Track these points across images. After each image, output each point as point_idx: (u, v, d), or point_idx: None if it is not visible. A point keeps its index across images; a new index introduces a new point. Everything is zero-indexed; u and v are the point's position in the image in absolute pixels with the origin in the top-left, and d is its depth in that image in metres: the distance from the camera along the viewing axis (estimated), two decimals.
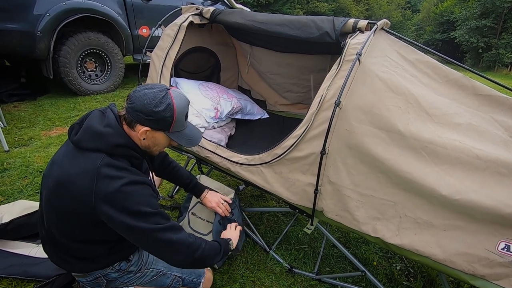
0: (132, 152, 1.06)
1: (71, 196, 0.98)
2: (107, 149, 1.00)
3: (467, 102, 1.35)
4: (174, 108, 1.05)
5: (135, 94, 1.02)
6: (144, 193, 1.02)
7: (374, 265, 1.86)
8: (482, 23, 19.92)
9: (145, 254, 1.29)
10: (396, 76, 1.28)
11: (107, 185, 0.95)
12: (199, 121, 2.00)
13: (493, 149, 1.18)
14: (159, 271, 1.30)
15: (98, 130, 1.01)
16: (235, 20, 1.76)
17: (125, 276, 1.23)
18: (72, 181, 0.98)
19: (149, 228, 0.98)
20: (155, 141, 1.11)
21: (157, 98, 1.02)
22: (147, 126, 1.04)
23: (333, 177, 1.29)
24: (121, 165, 1.01)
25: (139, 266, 1.25)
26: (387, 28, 1.42)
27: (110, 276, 1.20)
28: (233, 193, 1.75)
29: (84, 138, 1.01)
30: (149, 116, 1.02)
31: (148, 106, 1.01)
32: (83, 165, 0.99)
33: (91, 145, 1.00)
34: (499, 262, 1.07)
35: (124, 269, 1.21)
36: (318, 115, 1.28)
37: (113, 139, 1.01)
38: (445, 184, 1.12)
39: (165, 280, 1.32)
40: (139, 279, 1.27)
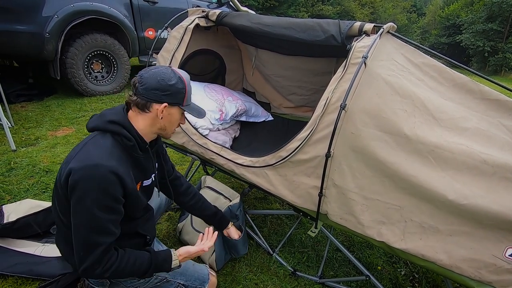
0: (124, 131, 1.05)
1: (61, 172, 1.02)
2: (101, 125, 1.06)
3: (474, 107, 1.34)
4: (184, 80, 1.11)
5: (144, 75, 1.06)
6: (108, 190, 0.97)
7: (379, 270, 1.84)
8: (488, 27, 19.75)
9: None
10: (402, 80, 1.28)
11: (79, 159, 0.97)
12: (204, 123, 2.00)
13: (501, 154, 1.17)
14: (163, 278, 1.28)
15: (104, 112, 1.10)
16: (240, 22, 1.77)
17: (128, 281, 1.23)
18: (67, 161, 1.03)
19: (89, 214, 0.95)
20: (171, 118, 1.13)
21: (168, 74, 1.07)
22: (165, 102, 1.07)
23: (338, 180, 1.29)
24: (106, 143, 1.02)
25: None
26: (393, 32, 1.42)
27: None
28: (238, 197, 1.75)
29: (90, 120, 1.10)
30: (166, 91, 1.06)
31: (162, 81, 1.05)
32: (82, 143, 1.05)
33: (91, 125, 1.08)
34: (506, 269, 1.05)
35: None
36: (323, 118, 1.28)
37: (109, 116, 1.07)
38: (452, 189, 1.11)
39: (169, 286, 1.30)
40: (143, 285, 1.26)
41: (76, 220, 0.98)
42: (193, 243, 1.75)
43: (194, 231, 1.77)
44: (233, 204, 1.71)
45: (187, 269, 1.36)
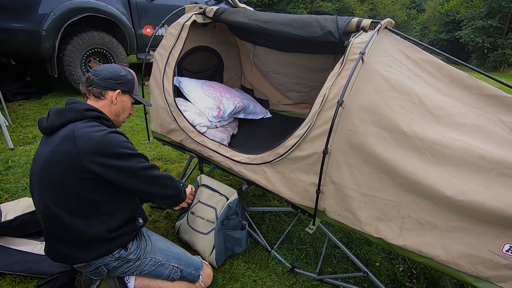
0: (101, 115, 1.20)
1: (58, 165, 1.08)
2: (77, 116, 1.14)
3: (472, 102, 1.33)
4: (132, 73, 1.33)
5: (98, 69, 1.25)
6: (123, 139, 1.16)
7: (377, 266, 1.85)
8: (488, 23, 19.70)
9: (143, 243, 1.34)
10: (400, 76, 1.27)
11: (88, 140, 1.08)
12: (202, 120, 2.00)
13: (499, 150, 1.17)
14: (157, 261, 1.34)
15: (65, 108, 1.18)
16: (238, 19, 1.75)
17: (125, 265, 1.26)
18: (54, 153, 1.09)
19: (138, 167, 1.16)
20: (123, 105, 1.30)
21: (118, 67, 1.29)
22: (118, 89, 1.25)
23: (336, 177, 1.29)
24: (94, 123, 1.15)
25: (138, 255, 1.29)
26: (391, 27, 1.41)
27: (110, 265, 1.23)
28: (235, 193, 1.75)
29: (53, 119, 1.14)
30: (119, 80, 1.26)
31: (115, 72, 1.26)
32: (59, 137, 1.11)
33: (62, 120, 1.13)
34: (503, 264, 1.05)
35: (123, 257, 1.25)
36: (321, 115, 1.28)
37: (81, 106, 1.17)
38: (449, 185, 1.11)
39: (164, 270, 1.35)
40: (138, 268, 1.30)
41: (132, 184, 1.16)
42: (192, 243, 1.76)
43: (191, 229, 1.77)
44: (232, 201, 1.72)
45: (179, 254, 1.42)
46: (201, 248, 1.72)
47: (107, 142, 1.10)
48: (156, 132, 2.01)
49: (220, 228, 1.69)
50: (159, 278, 1.36)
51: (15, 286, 1.51)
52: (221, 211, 1.71)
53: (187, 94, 2.11)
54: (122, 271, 1.28)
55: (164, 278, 1.37)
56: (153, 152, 3.02)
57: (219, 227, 1.68)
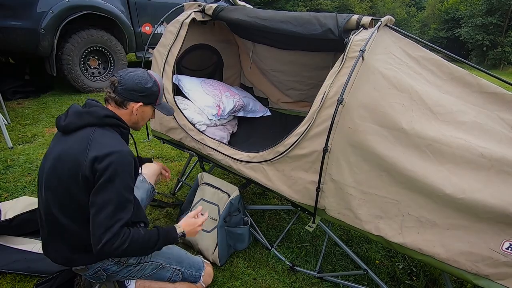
0: (120, 123, 1.18)
1: (67, 166, 1.06)
2: (97, 121, 1.12)
3: (472, 100, 1.33)
4: (158, 84, 1.26)
5: (124, 77, 1.17)
6: (127, 176, 1.08)
7: (377, 264, 1.85)
8: (488, 21, 19.65)
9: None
10: (400, 73, 1.27)
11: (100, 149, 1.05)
12: (201, 119, 1.99)
13: (499, 148, 1.16)
14: (158, 264, 1.32)
15: (85, 110, 1.15)
16: (237, 17, 1.75)
17: (125, 270, 1.24)
18: (66, 153, 1.07)
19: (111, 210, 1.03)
20: (143, 115, 1.27)
21: (145, 77, 1.21)
22: (140, 102, 1.21)
23: (336, 175, 1.28)
24: (112, 134, 1.13)
25: (138, 259, 1.27)
26: (391, 25, 1.41)
27: (110, 269, 1.21)
28: (236, 190, 1.75)
29: (72, 120, 1.11)
30: (143, 93, 1.20)
31: (140, 84, 1.19)
32: (75, 138, 1.09)
33: (81, 122, 1.11)
34: (503, 262, 1.06)
35: (123, 261, 1.23)
36: (321, 113, 1.27)
37: (102, 112, 1.14)
38: (449, 183, 1.11)
39: (165, 273, 1.34)
40: (139, 272, 1.28)
41: (103, 198, 1.04)
42: (194, 241, 1.76)
43: None
44: (234, 198, 1.72)
45: (180, 256, 1.41)
46: (204, 246, 1.72)
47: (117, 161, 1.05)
48: (155, 131, 2.01)
49: (222, 224, 1.69)
50: (160, 281, 1.35)
51: (15, 285, 1.51)
52: (223, 208, 1.71)
53: (187, 92, 2.10)
54: (122, 276, 1.26)
55: (166, 281, 1.36)
56: (153, 150, 3.01)
57: (222, 224, 1.69)
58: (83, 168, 1.04)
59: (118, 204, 1.04)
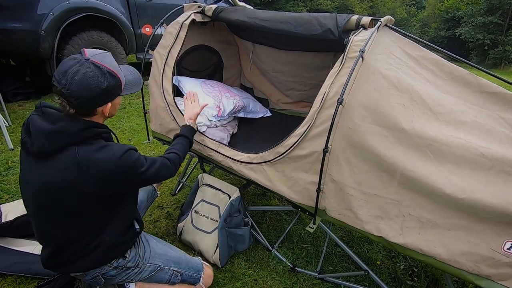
0: (99, 130, 1.07)
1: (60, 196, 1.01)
2: (75, 139, 0.99)
3: (472, 100, 1.32)
4: (115, 73, 1.06)
5: (71, 87, 0.94)
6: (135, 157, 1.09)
7: (378, 265, 1.84)
8: (488, 20, 19.62)
9: (142, 250, 1.31)
10: (400, 73, 1.27)
11: (104, 169, 1.00)
12: (201, 120, 1.99)
13: (499, 148, 1.16)
14: (156, 266, 1.32)
15: (53, 129, 0.98)
16: (237, 17, 1.75)
17: (123, 273, 1.25)
18: (54, 182, 0.99)
19: (152, 174, 1.16)
20: (115, 106, 1.16)
21: (96, 77, 0.99)
22: (107, 103, 1.07)
23: (336, 176, 1.28)
24: (96, 145, 1.03)
25: (136, 262, 1.27)
26: (391, 25, 1.40)
27: (108, 274, 1.22)
28: (237, 190, 1.75)
29: (42, 143, 0.97)
30: (105, 94, 1.04)
31: (96, 88, 0.99)
32: (59, 165, 0.98)
33: (55, 146, 0.98)
34: (504, 262, 1.05)
35: (122, 265, 1.23)
36: (321, 113, 1.27)
37: (74, 127, 0.99)
38: (450, 183, 1.11)
39: (163, 275, 1.34)
40: (138, 275, 1.29)
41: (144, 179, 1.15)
42: (195, 243, 1.76)
43: (195, 229, 1.77)
44: (235, 199, 1.72)
45: (179, 258, 1.41)
46: (204, 247, 1.72)
47: (123, 166, 1.04)
48: (156, 132, 2.01)
49: (223, 226, 1.69)
50: (159, 283, 1.36)
51: (15, 286, 1.51)
52: (224, 209, 1.71)
53: (187, 93, 2.10)
54: (121, 279, 1.26)
55: (165, 283, 1.36)
56: (153, 151, 3.01)
57: (222, 225, 1.69)
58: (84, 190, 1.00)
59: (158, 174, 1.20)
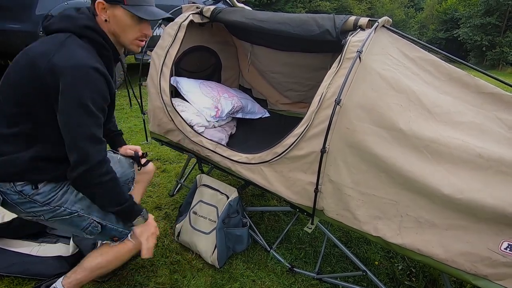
0: (100, 39, 1.06)
1: (28, 59, 0.99)
2: (75, 30, 1.02)
3: (470, 100, 1.33)
4: None
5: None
6: (99, 88, 1.02)
7: (376, 265, 1.85)
8: (486, 21, 19.74)
9: (61, 192, 1.14)
10: (397, 74, 1.27)
11: (68, 58, 0.96)
12: (200, 120, 1.99)
13: (497, 148, 1.16)
14: (73, 212, 1.15)
15: (70, 13, 1.05)
16: (235, 18, 1.75)
17: (27, 204, 1.09)
18: (34, 47, 1.01)
19: (82, 123, 1.00)
20: (118, 22, 1.07)
21: None
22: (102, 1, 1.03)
23: (334, 176, 1.28)
24: (88, 47, 1.03)
25: (48, 200, 1.11)
26: (388, 26, 1.41)
27: (10, 197, 1.06)
28: (235, 191, 1.75)
29: (54, 21, 1.04)
30: None
31: None
32: (50, 39, 1.01)
33: (59, 25, 1.03)
34: (502, 262, 1.05)
35: (26, 194, 1.07)
36: (319, 114, 1.27)
37: (82, 21, 1.03)
38: (447, 183, 1.11)
39: (79, 222, 1.18)
40: (47, 214, 1.13)
41: (71, 117, 0.99)
42: (193, 243, 1.75)
43: (193, 230, 1.77)
44: (233, 199, 1.72)
45: (111, 217, 1.24)
46: (202, 248, 1.71)
47: (80, 77, 0.96)
48: (154, 133, 2.01)
49: (221, 226, 1.69)
50: (72, 228, 1.20)
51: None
52: (222, 210, 1.71)
53: (185, 94, 2.10)
54: (23, 211, 1.10)
55: (80, 229, 1.19)
56: (152, 152, 3.01)
57: (221, 226, 1.68)
58: (41, 71, 0.96)
59: (92, 123, 1.01)
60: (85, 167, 1.02)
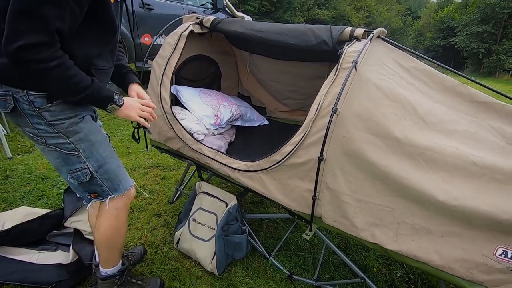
0: None
1: None
2: None
3: (464, 109, 1.36)
4: None
5: None
6: None
7: (374, 272, 1.85)
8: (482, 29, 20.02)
9: (69, 121, 1.10)
10: (392, 84, 1.30)
11: None
12: (199, 128, 2.02)
13: (490, 156, 1.19)
14: (75, 150, 1.13)
15: None
16: (234, 29, 1.79)
17: (35, 118, 1.06)
18: None
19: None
20: None
21: None
22: None
23: (331, 184, 1.30)
24: None
25: (54, 120, 1.08)
26: (383, 36, 1.45)
27: (20, 104, 1.04)
28: (234, 198, 1.77)
29: None
30: None
31: None
32: None
33: None
34: (497, 268, 1.07)
35: (36, 106, 1.04)
36: (316, 122, 1.30)
37: None
38: (442, 191, 1.13)
39: (75, 163, 1.15)
40: (50, 139, 1.10)
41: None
42: (192, 251, 1.76)
43: (192, 237, 1.77)
44: (232, 207, 1.74)
45: (110, 163, 1.22)
46: (202, 255, 1.72)
47: None
48: (154, 140, 2.03)
49: (220, 234, 1.70)
50: (63, 166, 1.15)
51: None
52: (221, 217, 1.72)
53: (185, 102, 2.13)
54: (29, 124, 1.07)
55: (70, 171, 1.15)
56: (151, 160, 3.03)
57: (220, 233, 1.69)
58: None
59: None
60: (17, 44, 0.87)
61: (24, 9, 0.86)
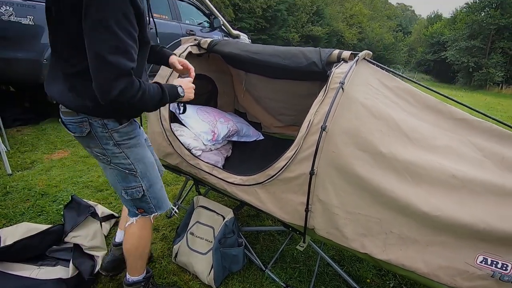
0: None
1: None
2: None
3: (445, 126, 1.46)
4: None
5: None
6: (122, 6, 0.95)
7: (368, 283, 1.90)
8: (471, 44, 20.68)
9: (138, 144, 1.27)
10: (377, 103, 1.40)
11: None
12: (197, 144, 2.09)
13: (470, 170, 1.28)
14: (133, 169, 1.27)
15: None
16: (230, 50, 1.90)
17: (105, 140, 1.19)
18: None
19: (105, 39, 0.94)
20: None
21: None
22: None
23: (322, 196, 1.38)
24: None
25: (122, 141, 1.22)
26: (368, 58, 1.56)
27: (94, 128, 1.17)
28: (231, 212, 1.82)
29: None
30: None
31: None
32: None
33: None
34: (478, 275, 1.13)
35: (109, 128, 1.17)
36: (307, 139, 1.39)
37: None
38: (426, 202, 1.21)
39: (131, 181, 1.29)
40: (114, 158, 1.23)
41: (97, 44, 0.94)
42: (190, 264, 1.80)
43: (190, 251, 1.82)
44: (229, 220, 1.79)
45: (156, 183, 1.36)
46: (199, 269, 1.76)
47: None
48: None
49: (217, 246, 1.74)
50: (120, 182, 1.28)
51: None
52: (218, 230, 1.77)
53: (183, 119, 2.21)
54: (99, 145, 1.19)
55: (125, 187, 1.28)
56: None
57: (217, 246, 1.74)
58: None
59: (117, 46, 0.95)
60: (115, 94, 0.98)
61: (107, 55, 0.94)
